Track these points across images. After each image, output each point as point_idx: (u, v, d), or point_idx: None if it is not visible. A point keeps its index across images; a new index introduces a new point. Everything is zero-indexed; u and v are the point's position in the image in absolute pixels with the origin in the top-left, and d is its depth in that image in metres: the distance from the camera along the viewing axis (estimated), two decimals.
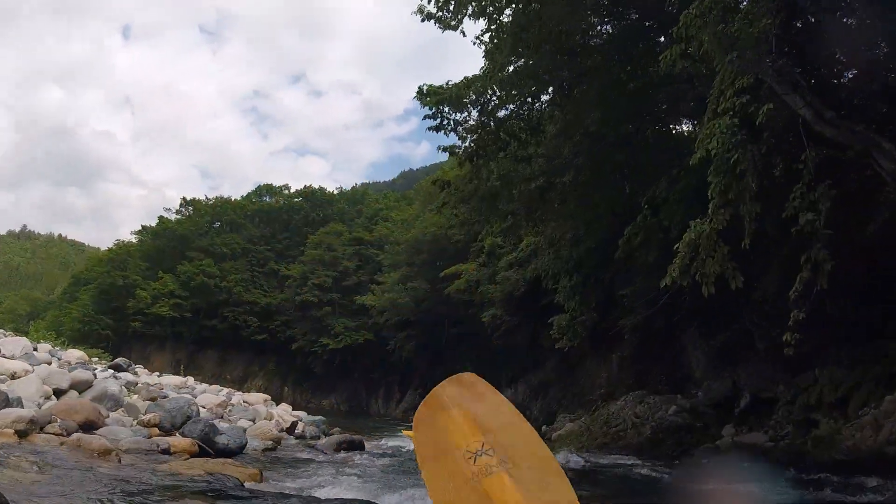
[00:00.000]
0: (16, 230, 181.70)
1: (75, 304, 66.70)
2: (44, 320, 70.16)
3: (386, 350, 51.11)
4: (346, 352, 57.43)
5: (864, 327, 14.02)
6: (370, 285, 56.06)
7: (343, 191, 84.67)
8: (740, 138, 8.81)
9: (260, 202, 77.94)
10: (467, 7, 14.77)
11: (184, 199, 74.82)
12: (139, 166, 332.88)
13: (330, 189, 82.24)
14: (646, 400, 19.17)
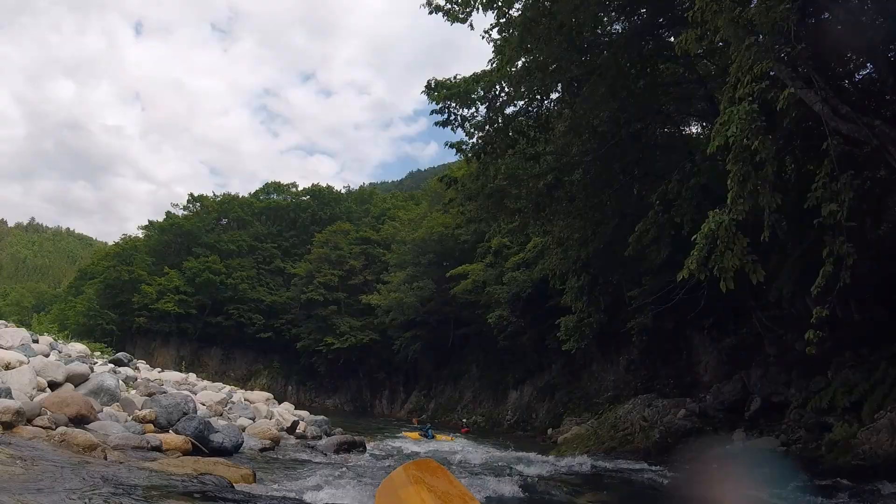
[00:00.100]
0: (24, 222, 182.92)
1: (80, 298, 66.63)
2: (49, 313, 70.41)
3: (391, 350, 50.86)
4: (351, 351, 57.15)
5: (877, 329, 13.69)
6: (376, 285, 55.80)
7: (351, 190, 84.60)
8: (760, 124, 8.44)
9: (267, 200, 77.93)
10: None
11: (191, 195, 74.92)
12: (148, 162, 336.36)
13: (338, 188, 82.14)
14: (654, 403, 18.80)
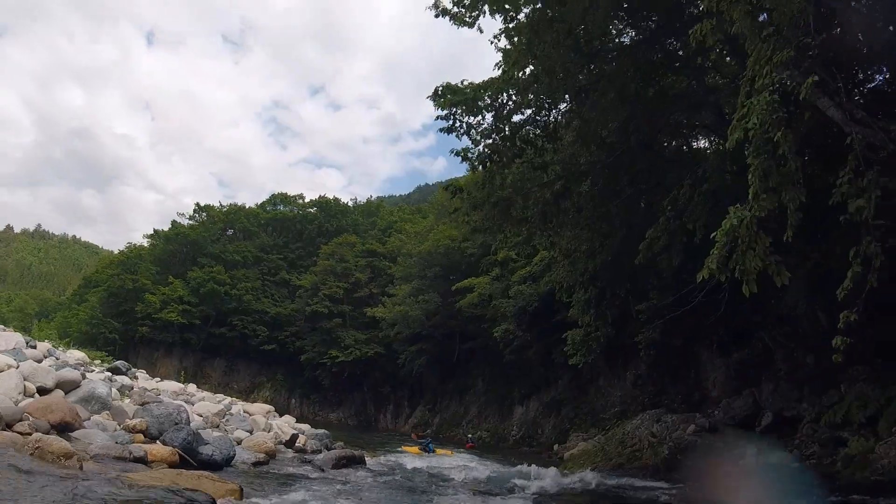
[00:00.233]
0: (30, 229, 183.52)
1: (83, 307, 66.28)
2: (53, 321, 70.21)
3: (396, 364, 50.44)
4: (355, 365, 56.75)
5: (891, 342, 13.25)
6: (382, 298, 55.41)
7: (357, 202, 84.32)
8: (782, 115, 8.00)
9: (274, 211, 77.73)
10: (483, 2, 14.15)
11: (197, 204, 74.71)
12: (157, 171, 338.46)
13: (344, 200, 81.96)
14: (663, 419, 18.30)
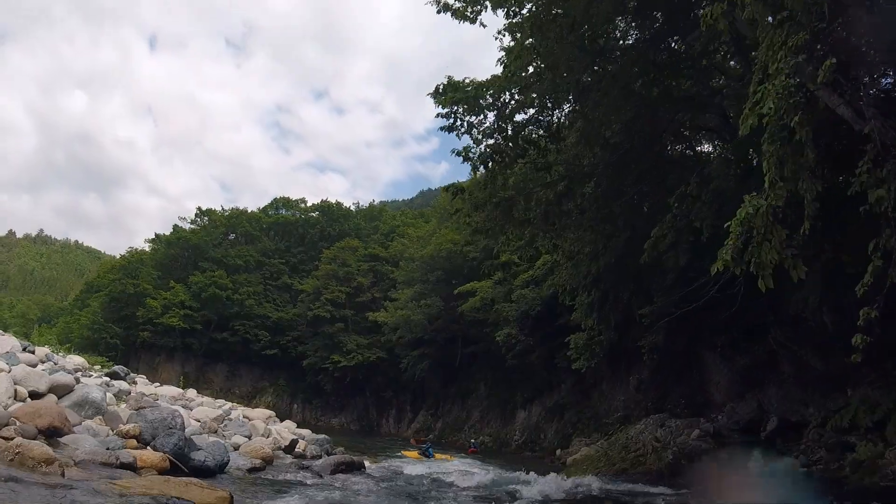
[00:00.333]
0: (32, 234, 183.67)
1: (85, 312, 66.17)
2: (55, 326, 70.05)
3: (398, 368, 50.22)
4: (357, 369, 56.54)
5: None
6: (384, 302, 55.20)
7: (360, 207, 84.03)
8: (799, 100, 7.70)
9: (276, 215, 77.46)
10: None
11: (199, 208, 74.58)
12: (159, 176, 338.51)
13: (347, 205, 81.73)
14: (667, 423, 18.02)
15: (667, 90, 16.18)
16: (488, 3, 13.73)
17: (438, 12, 13.91)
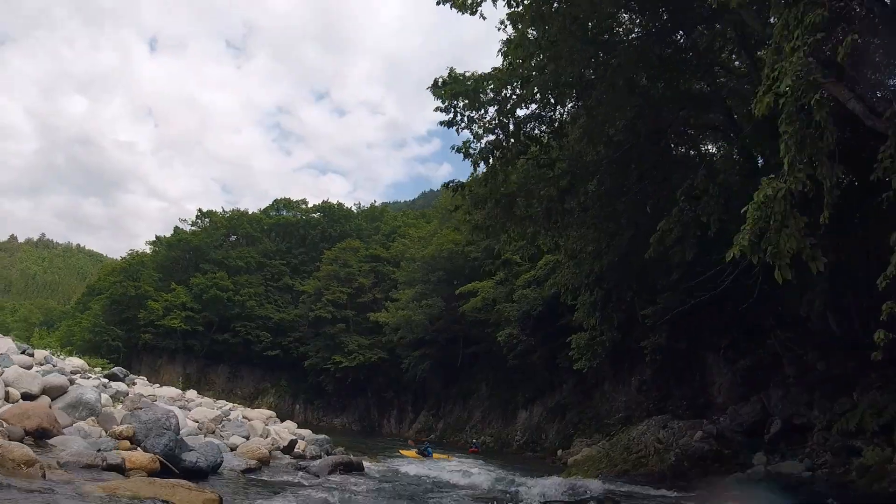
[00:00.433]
0: (34, 238, 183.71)
1: (86, 315, 66.02)
2: (58, 330, 69.95)
3: (400, 369, 50.08)
4: (359, 370, 56.37)
5: None
6: (385, 303, 55.05)
7: (361, 207, 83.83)
8: (819, 78, 7.34)
9: (277, 216, 77.20)
10: None
11: (200, 210, 74.28)
12: (160, 178, 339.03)
13: (348, 206, 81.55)
14: (669, 425, 17.82)
15: (671, 86, 15.98)
16: None
17: (438, 3, 13.67)
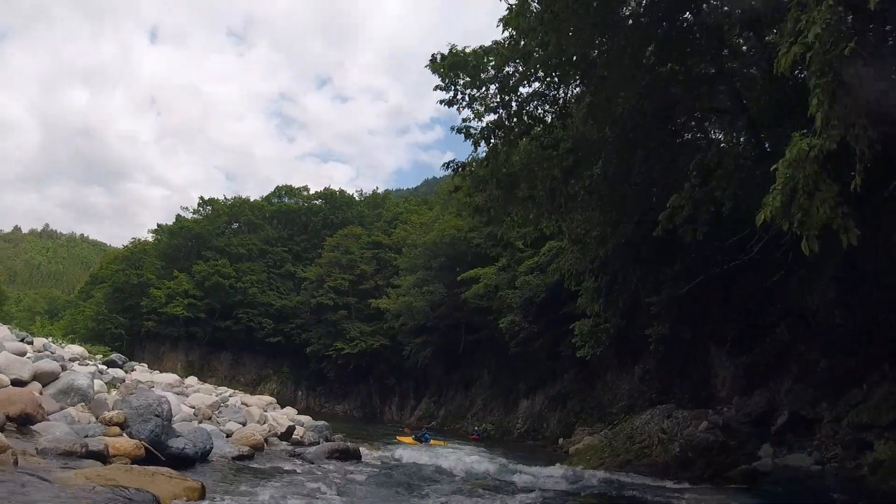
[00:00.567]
0: (38, 229, 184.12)
1: (89, 303, 66.33)
2: (62, 319, 70.03)
3: (401, 356, 49.95)
4: (360, 357, 56.36)
5: None
6: (387, 290, 54.89)
7: (363, 194, 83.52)
8: (851, 27, 6.55)
9: (279, 203, 77.03)
10: None
11: (202, 198, 74.22)
12: (163, 168, 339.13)
13: (350, 193, 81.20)
14: (674, 414, 17.46)
15: (678, 66, 15.47)
16: None
17: None
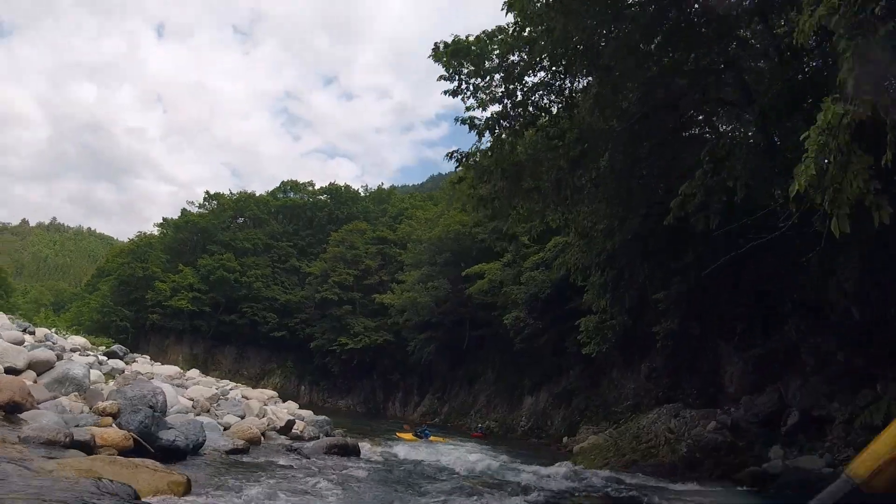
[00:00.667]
0: (45, 222, 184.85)
1: (95, 295, 66.48)
2: (69, 311, 70.20)
3: (405, 351, 49.58)
4: (364, 352, 56.11)
5: None
6: (391, 285, 54.64)
7: (369, 190, 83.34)
8: None
9: (284, 198, 76.99)
10: None
11: (207, 192, 73.95)
12: (170, 163, 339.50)
13: (356, 188, 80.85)
14: (681, 414, 17.10)
15: (686, 53, 15.13)
16: None
17: None
